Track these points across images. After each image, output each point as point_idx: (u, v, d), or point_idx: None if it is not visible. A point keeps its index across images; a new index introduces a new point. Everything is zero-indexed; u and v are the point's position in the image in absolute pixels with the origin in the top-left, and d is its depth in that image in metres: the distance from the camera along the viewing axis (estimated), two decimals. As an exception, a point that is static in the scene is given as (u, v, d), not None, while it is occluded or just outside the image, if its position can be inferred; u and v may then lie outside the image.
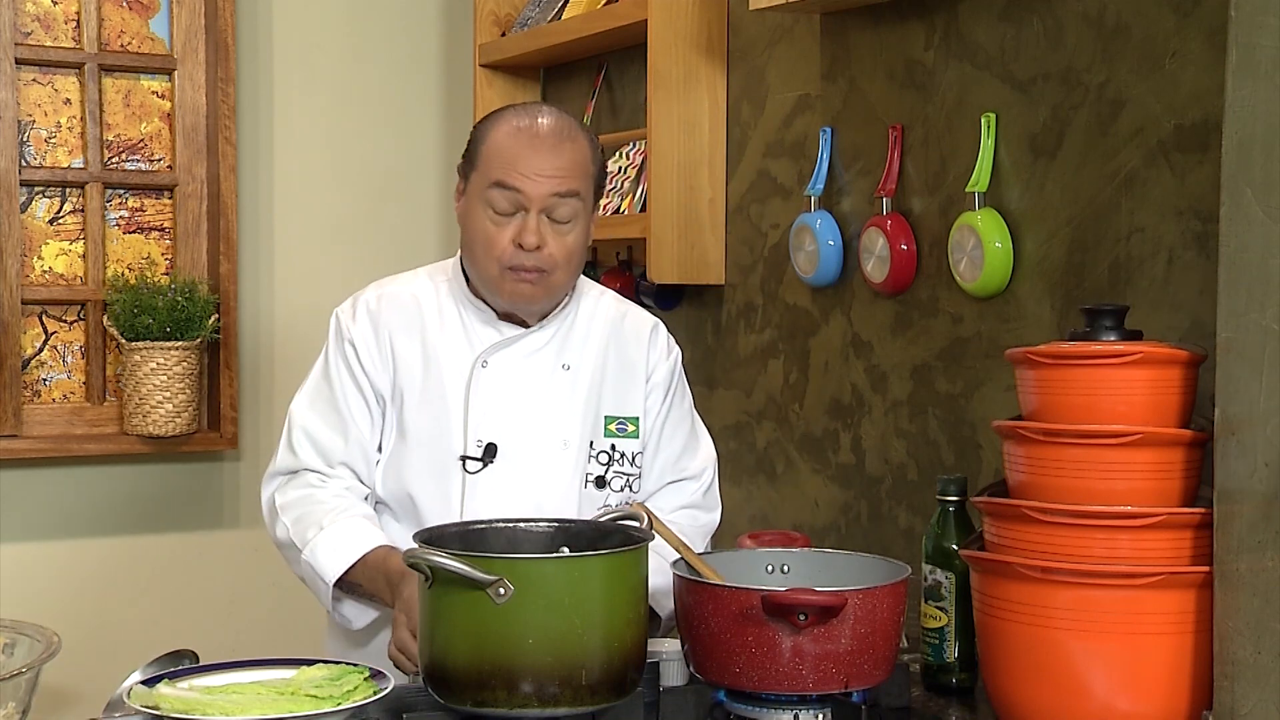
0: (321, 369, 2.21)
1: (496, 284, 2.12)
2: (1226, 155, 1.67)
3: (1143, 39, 2.17)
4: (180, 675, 1.72)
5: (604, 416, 2.21)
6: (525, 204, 2.07)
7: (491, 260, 2.10)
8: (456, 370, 2.16)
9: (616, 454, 2.21)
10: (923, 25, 2.55)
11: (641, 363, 2.26)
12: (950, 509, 2.01)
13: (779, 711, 1.77)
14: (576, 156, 2.10)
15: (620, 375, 2.24)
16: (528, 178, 2.06)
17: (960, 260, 2.41)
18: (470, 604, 1.66)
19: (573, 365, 2.20)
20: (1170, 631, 1.73)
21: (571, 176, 2.09)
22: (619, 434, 2.22)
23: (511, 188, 2.07)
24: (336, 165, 3.74)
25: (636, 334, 2.27)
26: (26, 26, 3.46)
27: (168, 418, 3.42)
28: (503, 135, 2.10)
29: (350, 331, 2.18)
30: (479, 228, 2.11)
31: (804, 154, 2.84)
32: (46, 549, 3.48)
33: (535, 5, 3.55)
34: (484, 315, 2.19)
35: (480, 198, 2.10)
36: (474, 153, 2.14)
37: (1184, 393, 1.83)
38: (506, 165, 2.07)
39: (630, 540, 1.80)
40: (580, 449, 2.18)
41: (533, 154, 2.07)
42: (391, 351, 2.17)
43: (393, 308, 2.19)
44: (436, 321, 2.19)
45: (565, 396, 2.19)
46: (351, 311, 2.20)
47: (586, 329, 2.23)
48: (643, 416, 2.24)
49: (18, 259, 3.44)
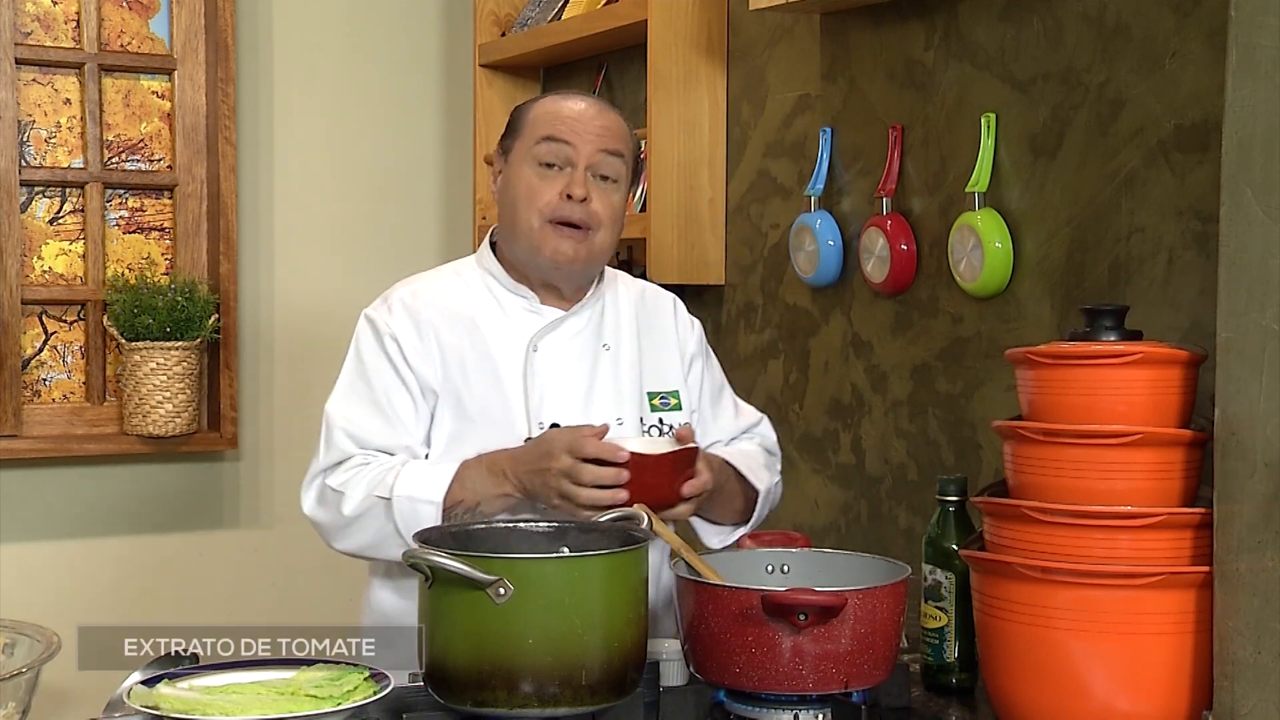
0: (356, 368, 2.18)
1: (538, 239, 2.13)
2: (1226, 155, 1.67)
3: (1143, 39, 2.17)
4: (180, 675, 1.71)
5: (646, 393, 2.24)
6: (574, 158, 2.11)
7: (534, 212, 2.12)
8: (508, 356, 2.17)
9: (665, 427, 2.22)
10: (923, 25, 2.55)
11: (672, 337, 2.30)
12: (950, 509, 2.01)
13: (779, 711, 1.77)
14: (621, 125, 2.18)
15: (655, 351, 2.27)
16: (577, 133, 2.12)
17: (960, 260, 2.41)
18: (470, 604, 1.66)
19: (612, 345, 2.23)
20: (1170, 631, 1.73)
21: (617, 138, 2.15)
22: (663, 408, 2.24)
23: (561, 139, 2.11)
24: (336, 165, 3.74)
25: (660, 309, 2.32)
26: (26, 26, 3.46)
27: (168, 418, 3.42)
28: (549, 104, 2.17)
29: (390, 326, 2.16)
30: (523, 183, 2.13)
31: (804, 154, 2.84)
32: (46, 549, 3.48)
33: (535, 5, 3.55)
34: (524, 301, 2.20)
35: (527, 157, 2.14)
36: (517, 125, 2.18)
37: (1184, 393, 1.83)
38: (555, 122, 2.13)
39: (630, 540, 1.80)
40: (632, 424, 2.20)
41: (579, 114, 2.14)
42: (437, 343, 2.16)
43: (430, 302, 2.19)
44: (478, 311, 2.19)
45: (611, 375, 2.21)
46: (387, 309, 2.19)
47: (616, 308, 2.26)
48: (683, 390, 2.27)
49: (18, 259, 3.44)
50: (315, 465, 2.16)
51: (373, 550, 2.11)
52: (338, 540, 2.13)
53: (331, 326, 3.72)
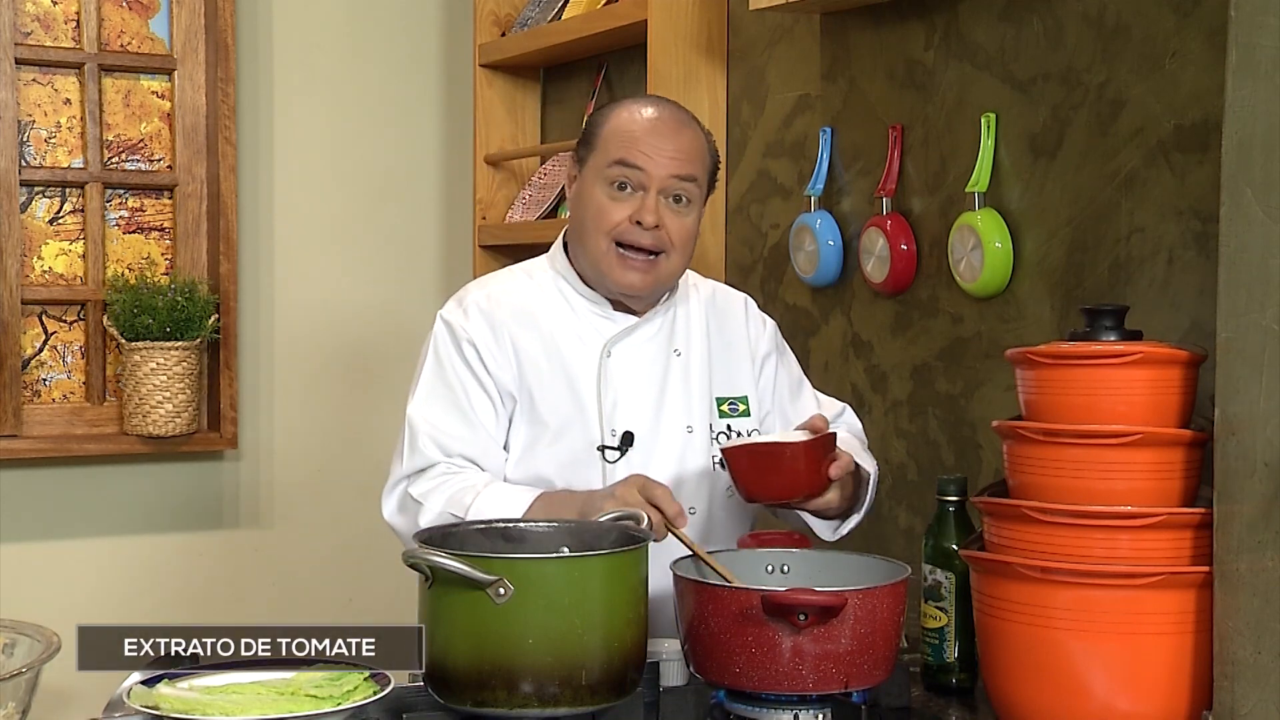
0: (435, 372, 2.17)
1: (605, 263, 2.13)
2: (1226, 155, 1.67)
3: (1143, 39, 2.17)
4: (180, 675, 1.71)
5: (714, 398, 2.23)
6: (645, 183, 2.10)
7: (601, 235, 2.11)
8: (582, 361, 2.16)
9: (733, 433, 2.22)
10: (923, 25, 2.55)
11: (743, 340, 2.29)
12: (950, 509, 2.01)
13: (779, 711, 1.77)
14: (696, 143, 2.15)
15: (725, 355, 2.26)
16: (650, 156, 2.10)
17: (960, 260, 2.41)
18: (470, 604, 1.66)
19: (683, 350, 2.23)
20: (1170, 631, 1.73)
21: (691, 161, 2.13)
22: (731, 414, 2.24)
23: (634, 165, 2.10)
24: (336, 165, 3.74)
25: (731, 311, 2.31)
26: (26, 26, 3.46)
27: (168, 418, 3.42)
28: (624, 118, 2.14)
29: (467, 331, 2.16)
30: (594, 203, 2.12)
31: (804, 154, 2.84)
32: (46, 549, 3.48)
33: (535, 5, 3.55)
34: (597, 306, 2.20)
35: (599, 176, 2.12)
36: (592, 136, 2.16)
37: (1184, 393, 1.83)
38: (628, 144, 2.11)
39: (630, 540, 1.80)
40: (702, 432, 2.20)
41: (655, 136, 2.11)
42: (513, 347, 2.16)
43: (505, 304, 2.18)
44: (551, 314, 2.19)
45: (681, 381, 2.21)
46: (463, 312, 2.18)
47: (688, 312, 2.25)
48: (753, 395, 2.26)
49: (18, 259, 3.44)
50: (398, 471, 2.14)
51: None
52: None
53: (332, 326, 3.74)
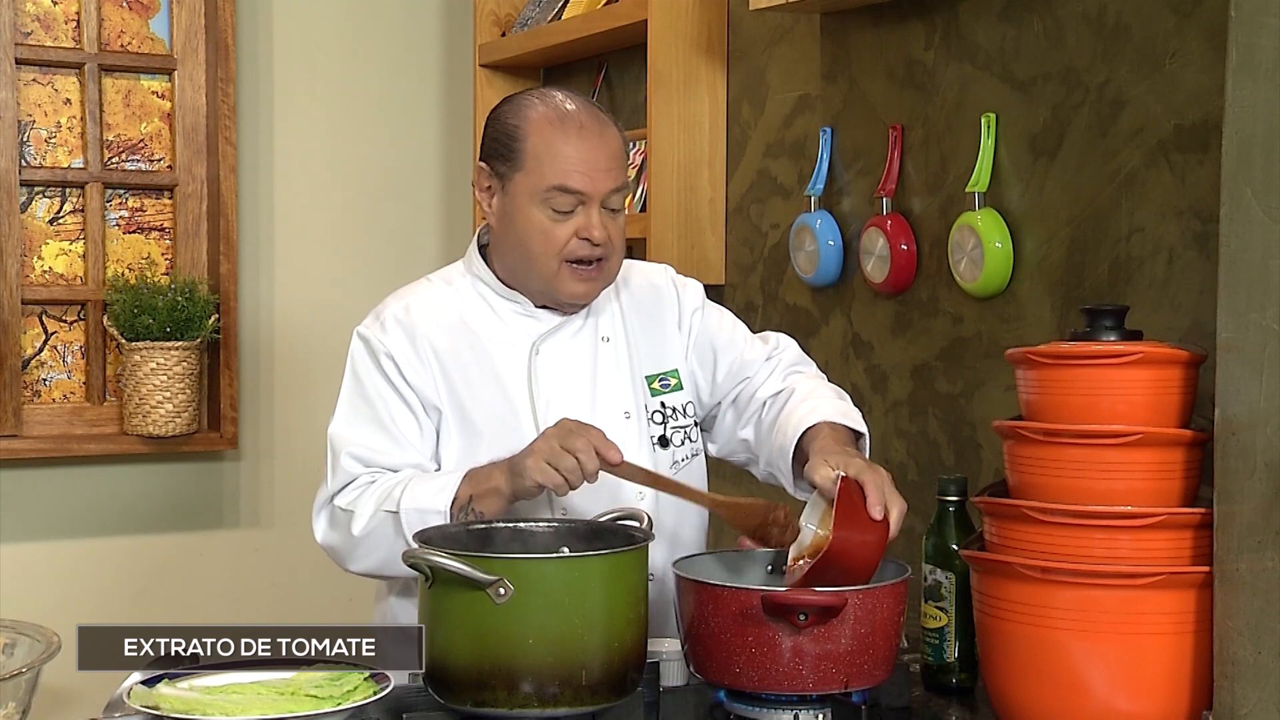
0: (354, 389, 2.14)
1: (554, 281, 2.11)
2: (1226, 155, 1.67)
3: (1143, 39, 2.17)
4: (180, 675, 1.71)
5: (644, 377, 2.22)
6: (586, 201, 2.08)
7: (550, 257, 2.09)
8: (510, 363, 2.15)
9: (668, 410, 2.21)
10: (923, 25, 2.55)
11: (670, 308, 2.28)
12: (950, 509, 2.01)
13: (779, 711, 1.77)
14: (619, 143, 2.13)
15: (648, 332, 2.25)
16: (589, 177, 2.07)
17: (960, 260, 2.41)
18: (470, 604, 1.66)
19: (611, 336, 2.22)
20: (1170, 631, 1.73)
21: (621, 166, 2.12)
22: (663, 390, 2.23)
23: (574, 190, 2.06)
24: (336, 165, 3.74)
25: (653, 284, 2.30)
26: (26, 26, 3.46)
27: (168, 418, 3.42)
28: (547, 132, 2.08)
29: (385, 344, 2.12)
30: (536, 227, 2.09)
31: (804, 154, 2.84)
32: (46, 549, 3.48)
33: (535, 5, 3.55)
34: (519, 306, 2.18)
35: (535, 199, 2.08)
36: (512, 150, 2.10)
37: (1184, 393, 1.83)
38: (563, 168, 2.06)
39: (630, 540, 1.80)
40: (639, 415, 2.19)
41: (587, 150, 2.07)
42: (435, 358, 2.13)
43: (425, 314, 2.16)
44: (474, 320, 2.17)
45: (613, 368, 2.20)
46: (380, 325, 2.15)
47: (608, 296, 2.24)
48: (682, 366, 2.25)
49: (18, 259, 3.44)
50: (324, 492, 2.12)
51: (388, 568, 2.05)
52: (352, 562, 2.09)
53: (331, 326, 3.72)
